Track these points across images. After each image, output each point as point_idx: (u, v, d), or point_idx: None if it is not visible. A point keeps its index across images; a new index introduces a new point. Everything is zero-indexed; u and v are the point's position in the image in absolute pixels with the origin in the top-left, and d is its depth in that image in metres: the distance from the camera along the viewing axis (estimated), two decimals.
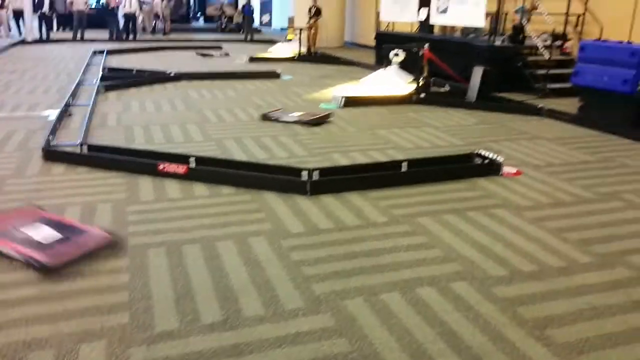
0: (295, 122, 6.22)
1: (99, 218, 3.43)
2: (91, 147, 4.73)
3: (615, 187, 4.26)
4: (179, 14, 24.65)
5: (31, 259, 2.75)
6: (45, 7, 17.28)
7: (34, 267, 2.72)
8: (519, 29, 9.14)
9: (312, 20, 15.25)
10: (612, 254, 3.07)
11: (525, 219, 3.58)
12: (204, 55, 14.03)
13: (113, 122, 6.17)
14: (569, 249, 3.13)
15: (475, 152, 4.76)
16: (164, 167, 4.21)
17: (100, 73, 9.29)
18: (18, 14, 16.95)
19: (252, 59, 12.85)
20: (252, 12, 20.49)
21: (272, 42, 17.32)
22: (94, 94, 7.47)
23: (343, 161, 4.80)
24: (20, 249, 2.84)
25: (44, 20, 17.26)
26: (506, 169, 4.54)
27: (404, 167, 4.35)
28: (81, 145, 4.75)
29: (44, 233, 3.04)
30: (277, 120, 6.33)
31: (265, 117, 6.43)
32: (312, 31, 15.12)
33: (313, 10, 15.35)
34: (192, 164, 4.26)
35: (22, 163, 4.54)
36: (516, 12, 9.28)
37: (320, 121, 6.31)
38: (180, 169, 4.18)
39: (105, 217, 3.45)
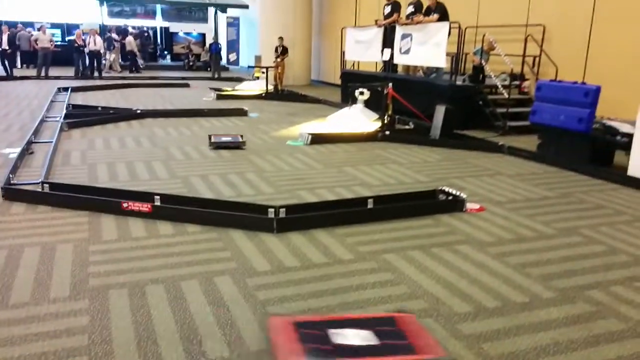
0: (210, 144, 7.00)
1: (59, 259, 3.34)
2: (53, 186, 4.63)
3: (574, 222, 4.39)
4: (145, 52, 24.63)
5: None
6: (4, 44, 17.07)
7: None
8: (479, 69, 9.48)
9: (278, 59, 15.48)
10: (572, 289, 3.14)
11: (489, 254, 3.64)
12: (215, 89, 14.04)
13: (77, 160, 6.07)
14: (531, 284, 3.19)
15: (440, 188, 4.85)
16: (128, 206, 4.15)
17: (64, 110, 9.17)
18: None
19: (220, 97, 12.92)
20: (219, 50, 20.72)
21: (239, 80, 17.47)
22: (57, 131, 7.36)
23: (310, 198, 4.82)
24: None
25: (6, 57, 17.05)
26: (469, 205, 4.63)
27: (370, 204, 4.40)
28: (42, 183, 4.65)
29: (356, 336, 2.39)
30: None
31: (209, 137, 7.22)
32: (279, 69, 15.33)
33: (280, 49, 15.61)
34: (157, 202, 4.21)
35: None
36: (474, 53, 9.63)
37: (228, 146, 6.94)
38: (145, 207, 4.12)
39: (65, 258, 3.35)
